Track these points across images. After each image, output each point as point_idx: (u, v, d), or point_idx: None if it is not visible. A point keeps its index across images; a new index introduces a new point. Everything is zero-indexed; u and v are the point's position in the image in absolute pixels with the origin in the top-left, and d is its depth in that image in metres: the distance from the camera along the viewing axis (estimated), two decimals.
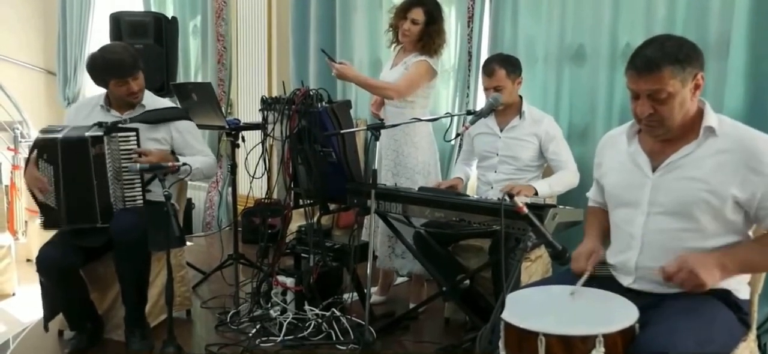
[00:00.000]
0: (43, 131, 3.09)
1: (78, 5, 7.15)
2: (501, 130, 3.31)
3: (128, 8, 6.11)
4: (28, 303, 3.97)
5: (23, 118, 6.58)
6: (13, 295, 4.18)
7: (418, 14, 3.44)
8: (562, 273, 2.17)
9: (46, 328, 3.10)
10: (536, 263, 3.14)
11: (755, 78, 2.97)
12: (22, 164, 5.39)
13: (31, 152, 3.01)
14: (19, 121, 6.58)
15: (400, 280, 4.27)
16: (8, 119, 6.61)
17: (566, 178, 3.15)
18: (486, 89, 3.25)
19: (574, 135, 3.62)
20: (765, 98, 2.95)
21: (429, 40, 3.45)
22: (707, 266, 1.76)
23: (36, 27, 7.78)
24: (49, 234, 3.08)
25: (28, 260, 4.97)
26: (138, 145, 2.99)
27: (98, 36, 6.99)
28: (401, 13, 3.50)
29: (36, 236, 4.84)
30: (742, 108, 3.00)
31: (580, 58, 3.62)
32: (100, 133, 2.95)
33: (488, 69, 3.22)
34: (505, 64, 3.21)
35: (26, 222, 5.41)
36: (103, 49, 3.19)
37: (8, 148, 6.28)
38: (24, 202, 5.34)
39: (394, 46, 3.65)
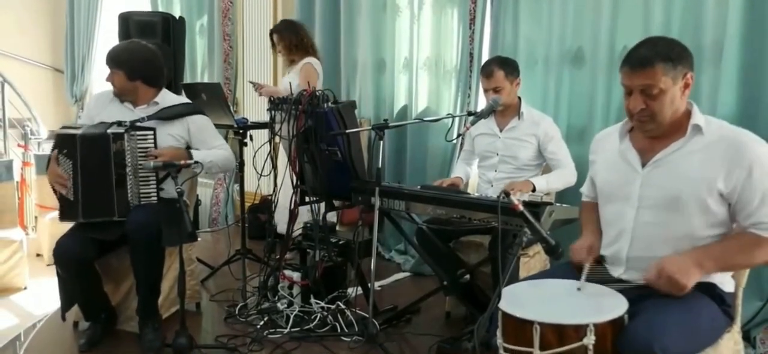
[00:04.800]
0: (62, 127, 3.20)
1: (86, 4, 7.23)
2: (501, 131, 3.41)
3: (135, 7, 6.20)
4: (39, 296, 4.07)
5: (33, 115, 6.66)
6: (25, 288, 4.27)
7: (276, 38, 4.57)
8: (558, 267, 2.28)
9: (63, 318, 3.19)
10: (534, 259, 3.22)
11: (747, 83, 3.05)
12: (33, 161, 5.50)
13: (52, 149, 3.10)
14: (29, 118, 6.67)
15: (403, 275, 4.38)
16: (18, 116, 6.69)
17: (564, 176, 3.25)
18: (485, 91, 3.35)
19: (572, 136, 3.70)
20: (757, 102, 3.03)
21: (298, 46, 4.49)
22: (684, 269, 1.86)
23: (44, 25, 7.86)
24: (63, 228, 3.16)
25: (39, 255, 5.06)
26: (155, 143, 3.08)
27: (106, 35, 7.08)
28: (272, 44, 4.66)
29: (46, 231, 4.93)
30: (734, 111, 3.08)
31: (579, 60, 3.69)
32: (121, 131, 3.03)
33: (487, 71, 3.32)
34: (503, 66, 3.31)
35: (36, 218, 5.48)
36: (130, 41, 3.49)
37: (18, 145, 6.38)
38: (34, 197, 5.43)
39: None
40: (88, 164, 3.03)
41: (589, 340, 1.70)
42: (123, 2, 6.94)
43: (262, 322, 3.31)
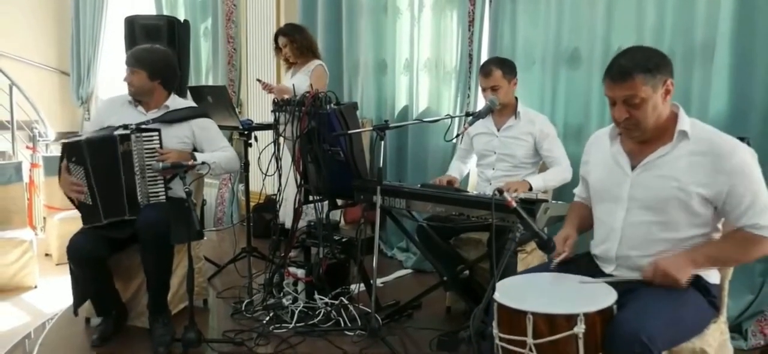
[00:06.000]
0: (66, 138, 3.30)
1: (91, 7, 7.30)
2: (498, 130, 3.49)
3: (140, 11, 6.28)
4: (49, 295, 4.14)
5: (40, 117, 6.74)
6: (35, 287, 4.34)
7: (283, 41, 4.55)
8: (551, 262, 2.37)
9: (75, 313, 3.28)
10: (532, 255, 3.29)
11: (738, 82, 3.12)
12: (41, 162, 5.59)
13: (61, 160, 3.20)
14: (36, 120, 6.76)
15: (404, 272, 4.46)
16: (26, 119, 6.78)
17: (559, 173, 3.33)
18: (483, 89, 3.43)
19: (569, 134, 3.78)
20: (747, 101, 3.10)
21: (308, 48, 4.53)
22: (678, 265, 1.97)
23: (50, 28, 7.94)
24: (72, 229, 3.26)
25: (47, 255, 5.14)
26: (160, 144, 3.17)
27: (111, 38, 7.17)
28: (275, 47, 4.64)
29: (55, 232, 5.00)
30: (725, 110, 3.15)
31: (575, 61, 3.76)
32: (127, 132, 3.14)
33: (485, 70, 3.41)
34: (501, 66, 3.40)
35: (44, 218, 5.56)
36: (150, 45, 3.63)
37: (27, 147, 6.47)
38: (42, 198, 5.51)
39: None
40: (98, 167, 3.12)
41: (579, 328, 1.79)
42: (128, 6, 7.03)
43: (267, 318, 3.38)
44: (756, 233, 1.96)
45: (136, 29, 4.77)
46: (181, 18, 5.28)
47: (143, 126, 3.19)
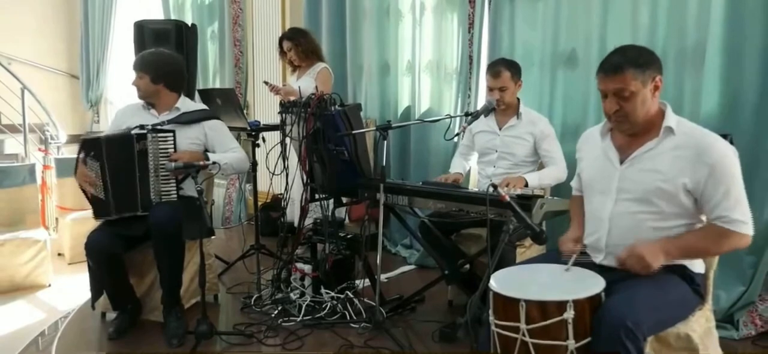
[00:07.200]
0: (86, 135, 3.42)
1: (100, 12, 7.43)
2: (500, 129, 3.59)
3: (148, 15, 6.38)
4: (63, 293, 4.26)
5: (51, 120, 6.87)
6: (49, 286, 4.45)
7: (287, 45, 4.65)
8: (547, 254, 2.49)
9: (93, 307, 3.42)
10: (530, 249, 3.39)
11: (729, 83, 3.21)
12: (53, 164, 5.72)
13: (78, 153, 3.33)
14: (47, 123, 6.89)
15: (408, 268, 4.57)
16: (37, 122, 6.91)
17: (555, 172, 3.44)
18: (491, 89, 3.52)
19: (567, 133, 3.87)
20: (738, 102, 3.19)
21: (312, 51, 4.63)
22: (651, 251, 2.08)
23: (60, 33, 8.08)
24: (85, 229, 3.37)
25: (60, 254, 5.25)
26: (174, 145, 3.30)
27: (120, 42, 7.29)
28: (280, 50, 4.74)
29: (67, 232, 5.11)
30: (717, 111, 3.24)
31: (572, 62, 3.86)
32: (143, 132, 3.27)
33: (495, 70, 3.51)
34: (509, 67, 3.50)
35: (57, 219, 5.67)
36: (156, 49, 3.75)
37: (38, 149, 6.60)
38: (54, 199, 5.63)
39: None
40: (114, 164, 3.26)
41: (569, 314, 1.90)
42: (136, 10, 7.15)
43: (276, 312, 3.49)
44: (725, 227, 2.07)
45: (146, 33, 4.85)
46: (189, 22, 5.39)
47: (159, 127, 3.32)
